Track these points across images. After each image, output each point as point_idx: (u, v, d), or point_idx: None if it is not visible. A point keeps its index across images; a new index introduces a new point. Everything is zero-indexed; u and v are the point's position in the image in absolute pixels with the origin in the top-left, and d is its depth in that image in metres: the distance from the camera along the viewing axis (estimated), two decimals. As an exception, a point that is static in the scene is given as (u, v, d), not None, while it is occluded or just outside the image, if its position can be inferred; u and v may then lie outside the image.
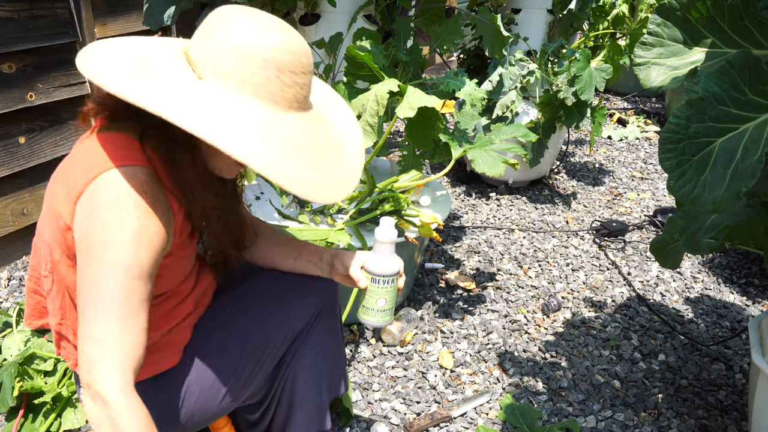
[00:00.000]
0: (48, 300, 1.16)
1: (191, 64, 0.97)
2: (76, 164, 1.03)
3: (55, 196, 1.04)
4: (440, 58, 3.66)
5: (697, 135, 1.13)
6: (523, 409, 1.76)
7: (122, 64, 0.96)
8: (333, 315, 1.43)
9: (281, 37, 0.95)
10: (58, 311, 1.14)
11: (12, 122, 2.27)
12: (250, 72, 0.94)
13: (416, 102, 1.63)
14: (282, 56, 0.95)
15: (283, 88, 0.96)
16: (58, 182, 1.05)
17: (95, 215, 0.96)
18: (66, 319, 1.14)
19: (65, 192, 1.01)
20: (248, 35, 0.94)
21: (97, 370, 0.93)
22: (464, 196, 3.25)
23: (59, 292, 1.12)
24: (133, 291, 0.96)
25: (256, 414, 1.46)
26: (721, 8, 1.20)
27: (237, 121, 0.92)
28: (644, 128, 4.41)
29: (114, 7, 2.48)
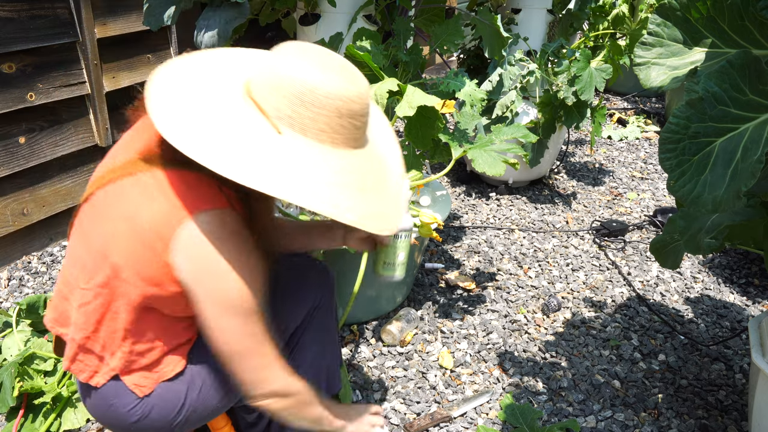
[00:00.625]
0: (78, 311, 1.14)
1: (264, 113, 1.01)
2: (161, 196, 1.04)
3: (142, 224, 1.04)
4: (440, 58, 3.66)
5: (697, 135, 1.13)
6: (523, 409, 1.76)
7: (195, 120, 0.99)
8: (329, 312, 1.43)
9: (352, 86, 1.01)
10: (90, 325, 1.13)
11: (12, 122, 2.27)
12: (324, 122, 1.00)
13: (416, 101, 1.63)
14: (353, 105, 1.01)
15: (353, 132, 1.04)
16: (141, 208, 1.05)
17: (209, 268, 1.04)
18: (98, 332, 1.13)
19: (158, 226, 1.04)
20: (323, 86, 0.98)
21: (267, 384, 1.15)
22: (464, 196, 3.25)
23: (103, 306, 1.11)
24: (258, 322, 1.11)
25: (254, 413, 1.47)
26: (721, 8, 1.20)
27: (315, 179, 0.99)
28: (644, 128, 4.41)
29: (114, 7, 2.48)
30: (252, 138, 0.99)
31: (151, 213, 1.04)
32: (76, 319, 1.15)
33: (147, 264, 1.06)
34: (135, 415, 1.19)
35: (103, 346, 1.15)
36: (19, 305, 1.82)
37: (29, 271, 2.43)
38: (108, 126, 2.57)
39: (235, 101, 1.03)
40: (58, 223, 2.58)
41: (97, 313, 1.13)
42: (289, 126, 1.00)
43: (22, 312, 1.82)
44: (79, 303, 1.14)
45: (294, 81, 0.98)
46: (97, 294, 1.11)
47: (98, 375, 1.17)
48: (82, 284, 1.13)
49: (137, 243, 1.05)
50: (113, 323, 1.13)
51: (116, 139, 2.64)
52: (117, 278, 1.09)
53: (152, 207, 1.04)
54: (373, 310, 2.15)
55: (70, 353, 1.18)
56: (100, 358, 1.16)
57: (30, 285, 2.34)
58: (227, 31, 1.79)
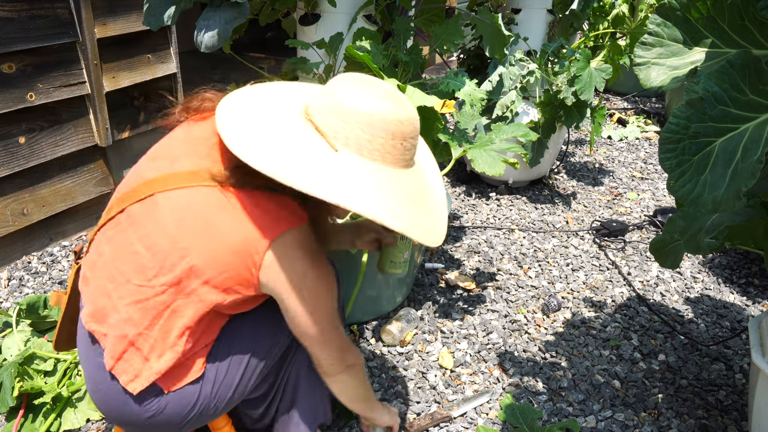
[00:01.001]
0: (132, 307, 1.15)
1: (322, 134, 1.11)
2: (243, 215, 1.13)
3: (227, 234, 1.12)
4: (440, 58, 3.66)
5: (697, 135, 1.13)
6: (523, 409, 1.76)
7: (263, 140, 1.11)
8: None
9: (403, 111, 1.13)
10: (147, 320, 1.14)
11: (12, 122, 2.27)
12: (379, 143, 1.11)
13: (415, 101, 1.63)
14: (403, 128, 1.13)
15: (404, 153, 1.15)
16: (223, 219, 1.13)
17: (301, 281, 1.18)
18: (152, 329, 1.15)
19: (246, 238, 1.12)
20: (376, 110, 1.10)
21: (342, 361, 1.31)
22: (464, 196, 3.25)
23: (164, 304, 1.14)
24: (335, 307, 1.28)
25: (260, 408, 1.47)
26: (721, 8, 1.20)
27: (370, 190, 1.10)
28: (644, 128, 4.41)
29: (114, 7, 2.48)
30: (313, 154, 1.10)
31: (240, 229, 1.13)
32: (129, 315, 1.15)
33: (234, 274, 1.14)
34: (150, 410, 1.19)
35: (152, 347, 1.15)
36: (19, 305, 1.82)
37: (29, 271, 2.43)
38: (108, 126, 2.57)
39: (296, 123, 1.14)
40: (58, 223, 2.58)
41: (156, 309, 1.14)
42: (345, 145, 1.10)
43: (22, 312, 1.82)
44: (135, 299, 1.15)
45: (352, 106, 1.10)
46: (162, 292, 1.14)
47: (138, 380, 1.17)
48: (139, 281, 1.15)
49: (226, 253, 1.13)
50: (170, 322, 1.15)
51: (116, 139, 2.64)
52: (194, 278, 1.13)
53: (240, 223, 1.13)
54: (373, 310, 2.15)
55: (116, 351, 1.16)
56: (146, 359, 1.16)
57: (30, 285, 2.34)
58: (227, 31, 1.79)
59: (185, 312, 1.15)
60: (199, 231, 1.13)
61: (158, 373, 1.16)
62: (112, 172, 2.72)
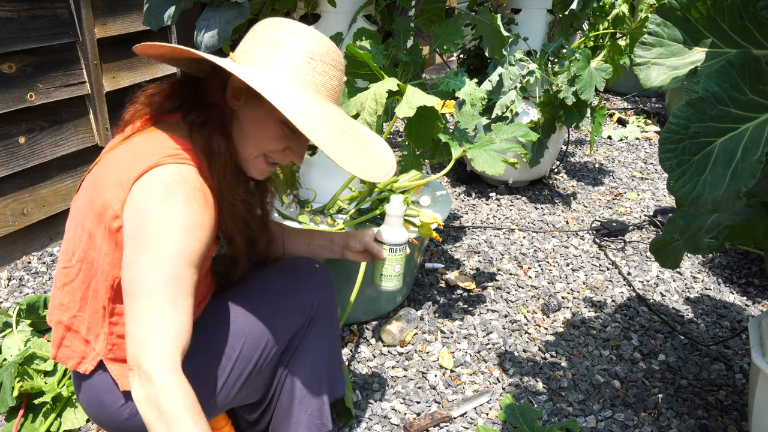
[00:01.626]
0: (63, 291, 1.16)
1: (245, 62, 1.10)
2: (127, 155, 1.08)
3: (102, 185, 1.08)
4: (440, 58, 3.66)
5: (697, 135, 1.13)
6: (523, 409, 1.76)
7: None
8: (330, 315, 1.42)
9: (322, 39, 1.12)
10: (76, 303, 1.15)
11: (12, 122, 2.27)
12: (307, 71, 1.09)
13: (415, 101, 1.63)
14: (322, 49, 1.10)
15: (329, 81, 1.11)
16: (106, 172, 1.09)
17: (149, 206, 1.02)
18: (83, 311, 1.15)
19: (116, 181, 1.06)
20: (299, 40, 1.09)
21: (145, 351, 0.95)
22: (464, 196, 3.25)
23: (83, 282, 1.13)
24: (181, 277, 1.01)
25: (254, 414, 1.46)
26: (721, 8, 1.20)
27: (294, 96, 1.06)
28: (644, 128, 4.41)
29: (114, 7, 2.48)
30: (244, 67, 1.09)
31: (116, 169, 1.07)
32: (60, 300, 1.16)
33: (106, 221, 1.07)
34: (124, 413, 1.19)
35: (89, 328, 1.15)
36: (19, 305, 1.82)
37: (29, 271, 2.43)
38: (108, 126, 2.57)
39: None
40: (58, 223, 2.58)
41: (81, 290, 1.13)
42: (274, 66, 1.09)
43: (22, 312, 1.82)
44: (63, 282, 1.15)
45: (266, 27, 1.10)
46: (79, 269, 1.13)
47: (85, 361, 1.17)
48: (64, 263, 1.15)
49: (100, 202, 1.07)
50: (95, 302, 1.13)
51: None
52: (92, 246, 1.10)
53: (119, 165, 1.08)
54: (373, 310, 2.15)
55: (57, 338, 1.18)
56: (86, 341, 1.16)
57: (30, 285, 2.34)
58: (227, 31, 1.78)
59: (99, 290, 1.12)
60: (91, 189, 1.11)
61: (100, 354, 1.15)
62: (112, 172, 2.72)
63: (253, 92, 1.10)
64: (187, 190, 1.04)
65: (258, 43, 1.10)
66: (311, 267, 1.43)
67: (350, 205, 2.05)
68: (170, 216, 1.01)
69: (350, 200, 2.06)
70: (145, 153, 1.07)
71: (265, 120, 1.14)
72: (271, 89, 1.04)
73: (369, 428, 1.73)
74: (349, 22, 1.98)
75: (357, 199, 2.02)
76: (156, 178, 1.04)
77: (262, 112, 1.13)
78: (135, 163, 1.06)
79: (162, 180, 1.04)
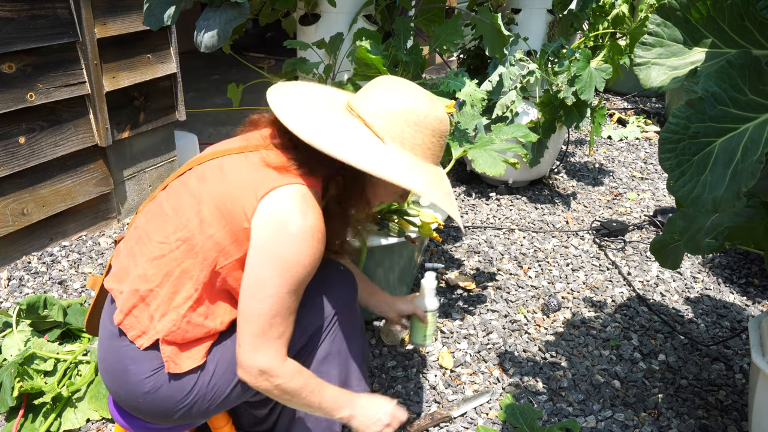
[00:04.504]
0: (150, 263, 1.20)
1: (369, 126, 1.21)
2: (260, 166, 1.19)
3: (236, 183, 1.17)
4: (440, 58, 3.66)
5: (697, 135, 1.13)
6: (523, 409, 1.76)
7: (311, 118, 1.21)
8: (350, 316, 1.43)
9: (440, 110, 1.24)
10: (159, 277, 1.19)
11: (12, 122, 2.27)
12: (421, 139, 1.22)
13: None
14: (441, 126, 1.24)
15: (439, 149, 1.27)
16: (239, 173, 1.20)
17: (283, 229, 1.15)
18: (161, 287, 1.19)
19: (250, 185, 1.17)
20: (420, 108, 1.21)
21: (262, 353, 1.18)
22: (464, 196, 3.25)
23: (176, 260, 1.18)
24: (297, 297, 1.20)
25: (264, 410, 1.47)
26: (721, 8, 1.20)
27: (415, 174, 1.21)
28: (644, 128, 4.41)
29: (114, 7, 2.48)
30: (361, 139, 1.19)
31: (249, 175, 1.18)
32: (144, 270, 1.20)
33: (233, 226, 1.16)
34: (147, 385, 1.21)
35: (159, 305, 1.19)
36: (19, 305, 1.82)
37: (29, 271, 2.43)
38: (108, 126, 2.57)
39: (343, 114, 1.24)
40: (58, 223, 2.59)
41: (169, 266, 1.19)
42: (391, 139, 1.20)
43: (22, 312, 1.82)
44: (154, 256, 1.20)
45: (399, 104, 1.21)
46: (176, 247, 1.19)
47: (145, 336, 1.20)
48: (160, 238, 1.20)
49: (228, 199, 1.16)
50: (179, 282, 1.18)
51: (116, 139, 2.64)
52: (202, 233, 1.17)
53: (251, 170, 1.18)
54: (373, 310, 2.15)
55: (127, 305, 1.21)
56: (151, 317, 1.20)
57: (30, 285, 2.34)
58: (227, 31, 1.79)
59: (193, 272, 1.18)
60: (215, 182, 1.20)
61: (160, 333, 1.19)
62: (112, 172, 2.72)
63: None
64: (310, 216, 1.17)
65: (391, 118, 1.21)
66: (336, 268, 1.44)
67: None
68: (303, 248, 1.16)
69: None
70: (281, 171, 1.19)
71: (396, 186, 1.27)
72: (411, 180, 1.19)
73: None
74: (349, 22, 1.98)
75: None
76: (287, 200, 1.16)
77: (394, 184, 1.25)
78: (271, 177, 1.17)
79: (293, 203, 1.16)
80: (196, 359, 1.23)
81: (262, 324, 1.16)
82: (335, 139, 1.17)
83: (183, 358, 1.21)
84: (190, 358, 1.22)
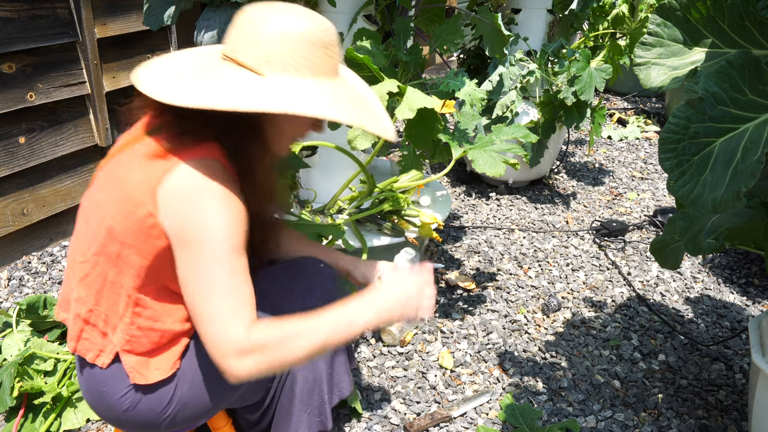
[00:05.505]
0: (79, 286, 1.17)
1: (243, 65, 1.08)
2: (151, 154, 1.10)
3: (129, 182, 1.10)
4: (440, 58, 3.66)
5: (697, 135, 1.13)
6: (523, 409, 1.76)
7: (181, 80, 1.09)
8: None
9: (317, 21, 1.11)
10: (92, 297, 1.16)
11: (12, 122, 2.27)
12: (302, 56, 1.08)
13: (415, 103, 1.63)
14: (322, 36, 1.10)
15: (328, 61, 1.12)
16: (131, 169, 1.11)
17: (184, 206, 1.06)
18: (99, 304, 1.16)
19: (144, 180, 1.08)
20: (292, 27, 1.08)
21: (224, 341, 1.03)
22: (464, 196, 3.25)
23: (100, 276, 1.14)
24: (236, 265, 1.07)
25: (256, 414, 1.46)
26: (721, 8, 1.20)
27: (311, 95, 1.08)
28: (644, 128, 4.41)
29: (114, 7, 2.48)
30: (240, 81, 1.07)
31: (140, 169, 1.10)
32: (78, 294, 1.18)
33: (137, 218, 1.09)
34: (124, 404, 1.20)
35: (106, 320, 1.17)
36: (19, 305, 1.82)
37: (29, 271, 2.43)
38: (108, 126, 2.57)
39: (216, 64, 1.12)
40: (58, 223, 2.58)
41: (97, 283, 1.15)
42: (269, 68, 1.07)
43: (22, 312, 1.82)
44: (80, 277, 1.17)
45: (267, 27, 1.08)
46: (95, 263, 1.15)
47: (103, 354, 1.18)
48: (80, 258, 1.17)
49: (126, 200, 1.10)
50: (113, 294, 1.15)
51: (116, 138, 2.64)
52: (113, 240, 1.12)
53: (141, 163, 1.10)
54: (373, 310, 2.14)
55: (75, 332, 1.19)
56: (104, 334, 1.17)
57: (30, 285, 2.34)
58: (227, 31, 1.79)
59: (121, 281, 1.14)
60: (112, 187, 1.14)
61: (117, 346, 1.17)
62: (112, 172, 2.72)
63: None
64: (212, 183, 1.07)
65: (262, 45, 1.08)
66: (316, 267, 1.43)
67: (350, 204, 2.05)
68: (209, 215, 1.05)
69: (350, 200, 2.06)
70: (170, 151, 1.09)
71: (300, 117, 1.17)
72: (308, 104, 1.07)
73: (369, 428, 1.73)
74: (349, 22, 1.98)
75: (357, 199, 2.02)
76: (184, 176, 1.07)
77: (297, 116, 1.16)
78: (161, 162, 1.08)
79: (190, 178, 1.07)
80: (164, 370, 1.19)
81: (212, 312, 1.05)
82: (202, 90, 1.06)
83: (151, 369, 1.19)
84: (158, 369, 1.19)
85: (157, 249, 1.11)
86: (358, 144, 1.81)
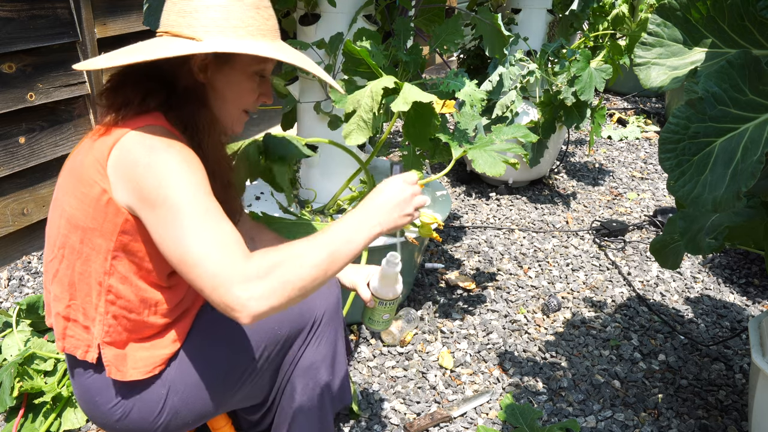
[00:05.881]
0: (55, 283, 1.17)
1: (180, 35, 1.09)
2: (98, 135, 1.11)
3: (80, 166, 1.10)
4: (440, 58, 3.66)
5: (697, 135, 1.13)
6: (523, 409, 1.76)
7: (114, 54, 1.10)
8: (333, 321, 1.41)
9: None
10: (65, 292, 1.15)
11: (12, 122, 2.27)
12: (237, 18, 1.09)
13: (411, 97, 1.62)
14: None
15: (264, 22, 1.14)
16: (81, 155, 1.11)
17: (137, 168, 1.03)
18: (75, 298, 1.16)
19: (92, 159, 1.08)
20: None
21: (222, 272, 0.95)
22: (464, 196, 3.25)
23: (68, 268, 1.14)
24: (208, 204, 1.02)
25: (256, 415, 1.46)
26: (721, 8, 1.20)
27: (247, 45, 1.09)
28: (644, 128, 4.41)
29: (114, 7, 2.48)
30: (176, 47, 1.07)
31: (89, 151, 1.10)
32: (54, 293, 1.17)
33: (92, 198, 1.08)
34: (116, 413, 1.19)
35: (85, 313, 1.16)
36: (19, 305, 1.82)
37: (29, 271, 2.43)
38: (108, 126, 2.57)
39: (153, 41, 1.12)
40: (58, 223, 2.59)
41: (67, 276, 1.15)
42: (206, 33, 1.08)
43: (22, 312, 1.82)
44: (52, 275, 1.17)
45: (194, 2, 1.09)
46: (62, 256, 1.14)
47: (91, 349, 1.17)
48: (50, 256, 1.17)
49: (80, 184, 1.09)
50: (84, 284, 1.14)
51: (116, 139, 2.64)
52: (74, 229, 1.11)
53: (89, 146, 1.10)
54: (373, 310, 2.14)
55: (59, 331, 1.18)
56: (86, 327, 1.17)
57: (30, 285, 2.34)
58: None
59: (89, 270, 1.13)
60: (67, 179, 1.14)
61: (98, 338, 1.16)
62: (112, 172, 2.72)
63: (221, 59, 1.15)
64: (163, 140, 1.06)
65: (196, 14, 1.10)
66: None
67: (350, 205, 2.05)
68: (165, 166, 1.02)
69: (350, 200, 2.06)
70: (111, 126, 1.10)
71: (240, 78, 1.18)
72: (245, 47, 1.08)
73: (369, 428, 1.73)
74: (349, 22, 1.98)
75: (357, 199, 2.02)
76: (129, 142, 1.06)
77: (235, 72, 1.17)
78: (106, 139, 1.08)
79: (135, 142, 1.05)
80: (141, 370, 1.18)
81: (199, 254, 0.97)
82: (122, 53, 1.07)
83: (128, 365, 1.18)
84: (135, 368, 1.18)
85: (118, 226, 1.09)
86: (354, 138, 1.80)
